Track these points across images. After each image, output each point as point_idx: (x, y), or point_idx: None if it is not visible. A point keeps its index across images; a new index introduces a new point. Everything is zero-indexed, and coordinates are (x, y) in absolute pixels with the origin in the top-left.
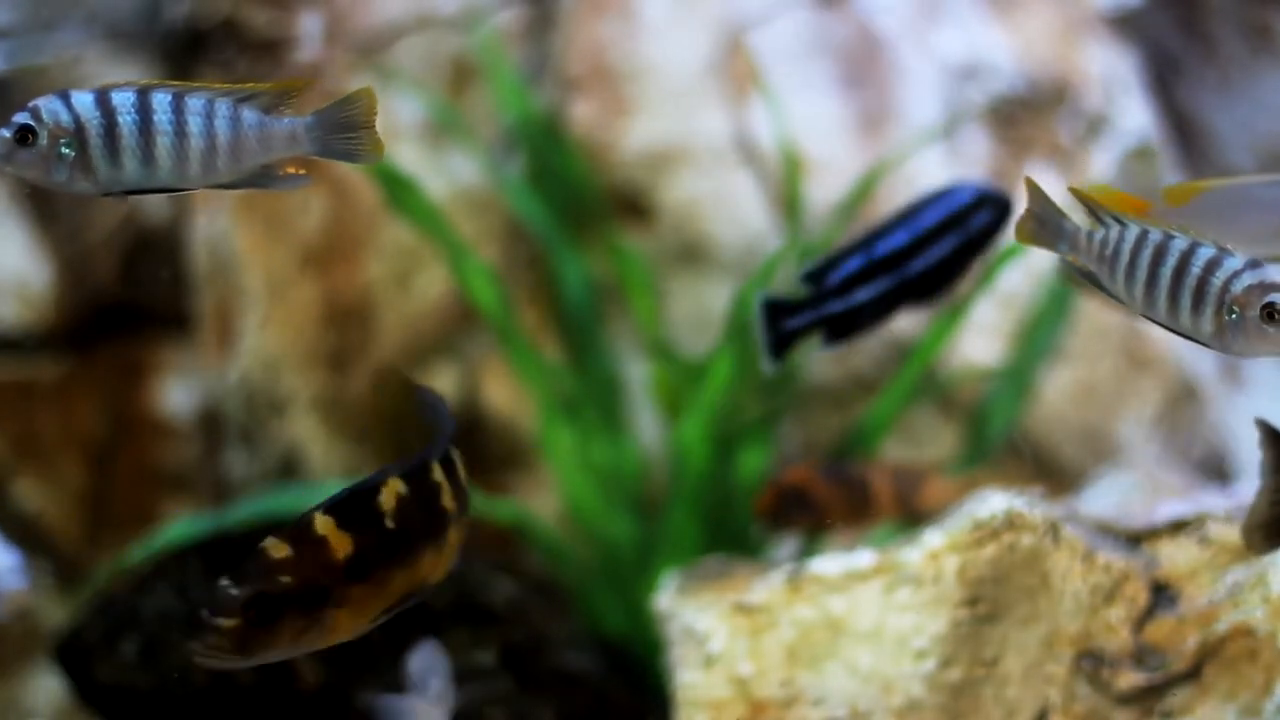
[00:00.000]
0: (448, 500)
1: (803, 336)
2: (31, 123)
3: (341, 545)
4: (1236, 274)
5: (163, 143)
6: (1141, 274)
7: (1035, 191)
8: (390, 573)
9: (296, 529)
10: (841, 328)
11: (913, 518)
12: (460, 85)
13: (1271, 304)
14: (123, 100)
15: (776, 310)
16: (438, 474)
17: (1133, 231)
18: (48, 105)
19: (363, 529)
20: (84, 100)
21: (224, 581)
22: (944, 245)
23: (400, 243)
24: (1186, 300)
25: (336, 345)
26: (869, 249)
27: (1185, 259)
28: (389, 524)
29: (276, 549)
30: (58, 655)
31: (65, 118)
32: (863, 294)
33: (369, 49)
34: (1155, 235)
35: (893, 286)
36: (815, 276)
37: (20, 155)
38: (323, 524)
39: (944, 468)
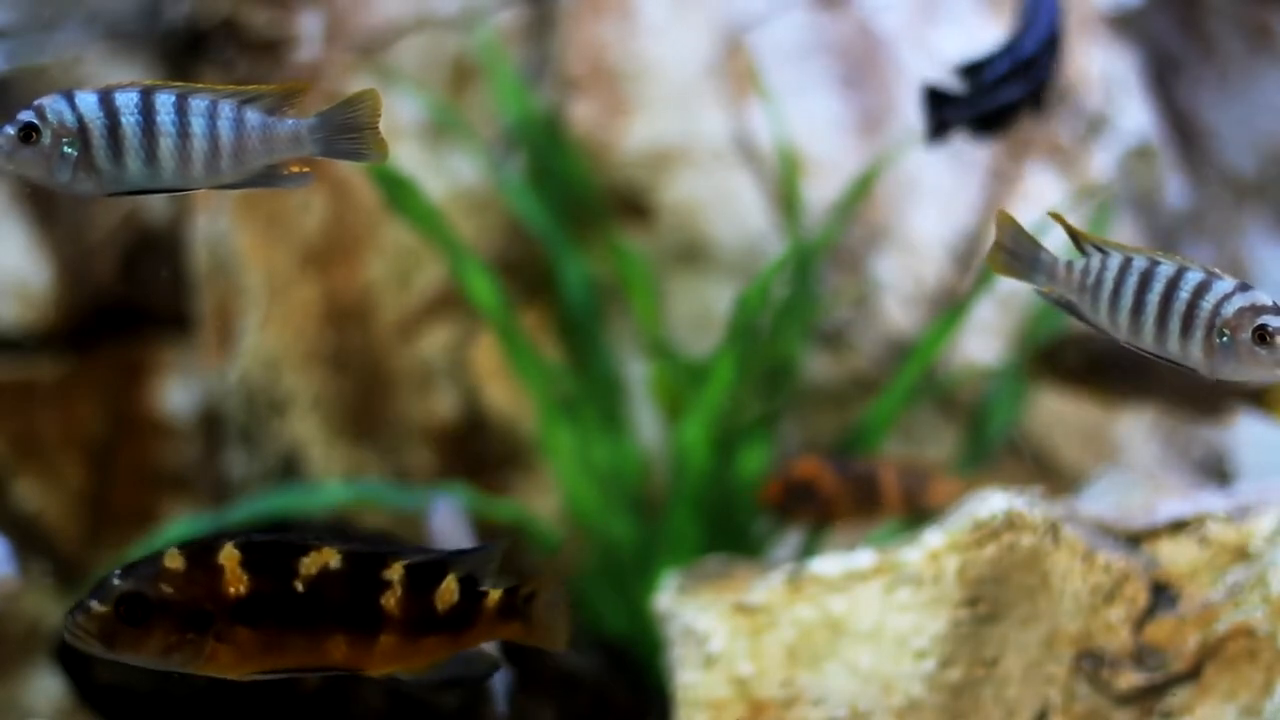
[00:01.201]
0: (391, 603)
1: (956, 126)
2: (35, 121)
3: (236, 582)
4: (1227, 297)
5: (166, 143)
6: (1127, 301)
7: (1006, 224)
8: (285, 635)
9: (201, 548)
10: (987, 123)
11: (918, 516)
12: (460, 85)
13: (1264, 326)
14: (126, 100)
15: (937, 98)
16: (394, 574)
17: (1116, 259)
18: (52, 104)
19: (265, 577)
20: (88, 100)
21: (117, 570)
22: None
23: (400, 242)
24: (1175, 325)
25: (336, 345)
26: (1015, 51)
27: (1173, 284)
28: (298, 586)
29: (172, 559)
30: (58, 655)
31: (69, 117)
32: (1007, 94)
33: (369, 49)
34: (1140, 261)
35: (1030, 89)
36: (971, 72)
37: (23, 153)
38: (227, 555)
39: (951, 467)
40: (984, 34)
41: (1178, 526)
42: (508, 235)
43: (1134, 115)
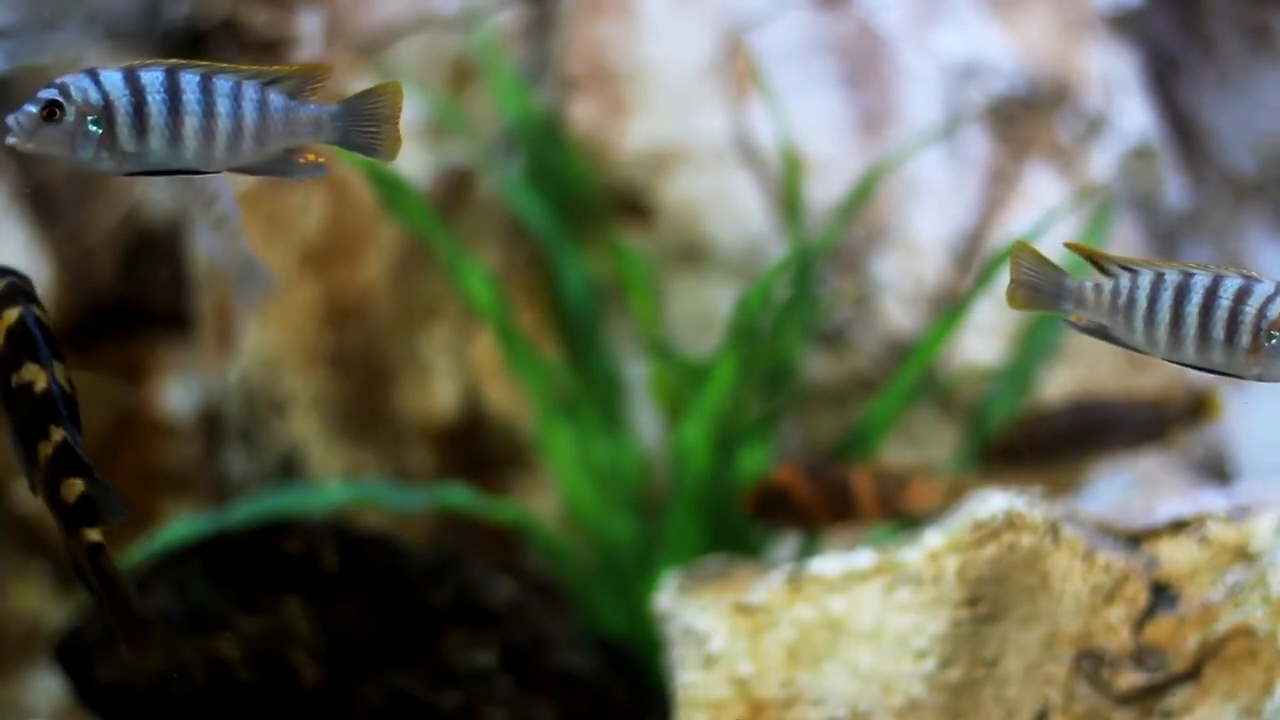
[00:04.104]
0: (44, 451)
1: None
2: (59, 98)
3: None
4: (1270, 299)
5: (190, 123)
6: (1164, 316)
7: (1026, 256)
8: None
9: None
10: None
11: (897, 520)
12: (460, 85)
13: None
14: (151, 79)
15: None
16: (55, 434)
17: (1147, 276)
18: (76, 82)
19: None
20: (113, 78)
21: None
22: None
23: (400, 242)
24: (1218, 333)
25: (336, 345)
26: None
27: (1212, 293)
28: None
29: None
30: (58, 655)
31: (94, 95)
32: None
33: (369, 49)
34: (1173, 275)
35: None
36: None
37: (46, 131)
38: (12, 315)
39: (930, 470)
40: (984, 34)
41: (1178, 526)
42: (508, 235)
43: (1134, 115)
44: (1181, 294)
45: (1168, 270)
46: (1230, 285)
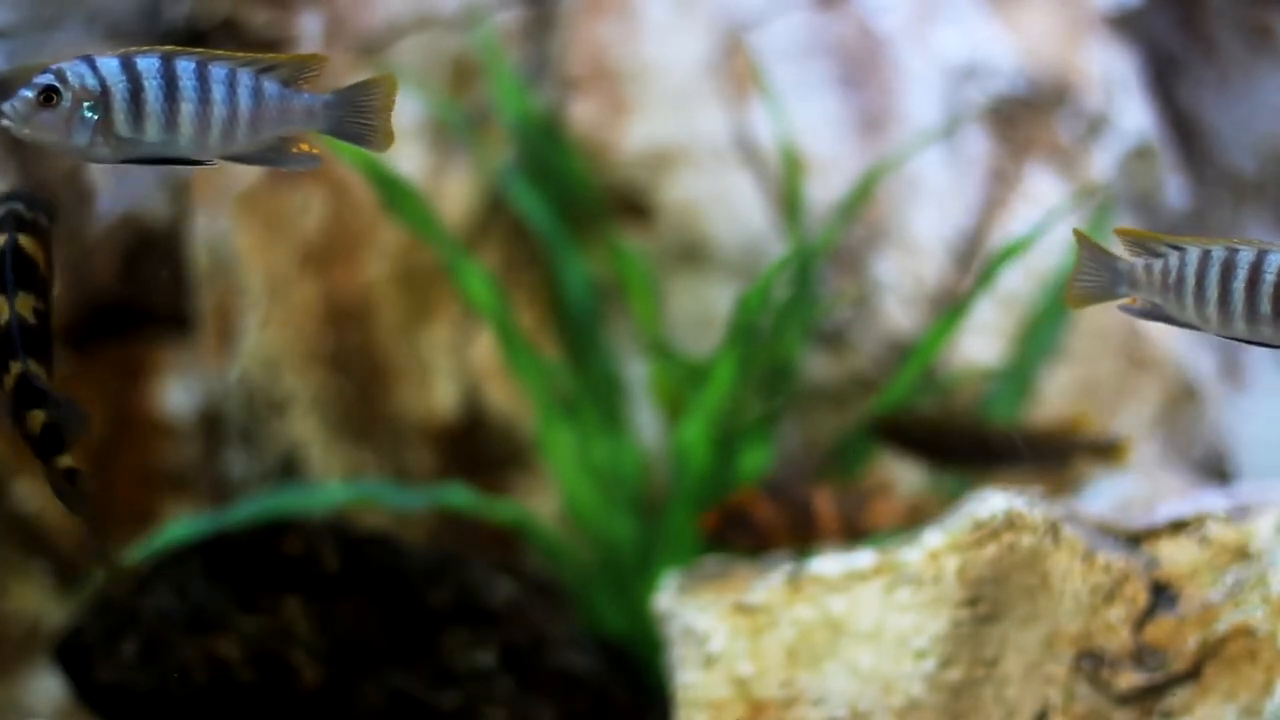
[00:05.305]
0: (5, 383)
1: None
2: (56, 84)
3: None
4: None
5: (186, 109)
6: (1212, 293)
7: (1085, 245)
8: None
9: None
10: None
11: (860, 537)
12: (460, 85)
13: None
14: (148, 66)
15: None
16: (15, 367)
17: (1194, 254)
18: (73, 68)
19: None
20: (109, 64)
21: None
22: None
23: (401, 242)
24: (1266, 308)
25: (336, 345)
26: None
27: (1257, 268)
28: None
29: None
30: (58, 655)
31: (91, 81)
32: None
33: (369, 49)
34: (1219, 252)
35: None
36: None
37: (41, 117)
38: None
39: (891, 488)
40: (984, 34)
41: (1178, 526)
42: (508, 235)
43: (1134, 115)
44: (1228, 270)
45: (1214, 247)
46: (1274, 260)
